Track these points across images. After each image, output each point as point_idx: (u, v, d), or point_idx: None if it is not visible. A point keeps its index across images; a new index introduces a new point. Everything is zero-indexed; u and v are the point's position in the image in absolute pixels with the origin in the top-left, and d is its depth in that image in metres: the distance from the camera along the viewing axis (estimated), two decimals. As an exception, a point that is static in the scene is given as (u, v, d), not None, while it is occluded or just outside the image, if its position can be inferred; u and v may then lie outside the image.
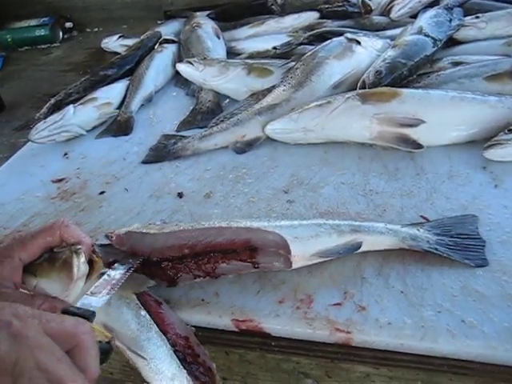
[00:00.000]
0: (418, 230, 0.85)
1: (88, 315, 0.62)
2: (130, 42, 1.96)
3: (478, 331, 0.70)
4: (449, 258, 0.81)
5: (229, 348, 0.79)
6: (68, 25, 2.45)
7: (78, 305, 0.66)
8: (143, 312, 0.75)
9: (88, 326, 0.56)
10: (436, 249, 0.81)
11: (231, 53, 1.72)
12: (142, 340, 0.72)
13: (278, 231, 0.79)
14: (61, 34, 2.43)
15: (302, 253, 0.79)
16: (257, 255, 0.80)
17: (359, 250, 0.82)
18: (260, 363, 0.79)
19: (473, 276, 0.79)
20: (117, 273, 0.77)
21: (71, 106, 1.43)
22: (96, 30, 2.49)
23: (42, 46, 2.39)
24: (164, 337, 0.73)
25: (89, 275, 0.74)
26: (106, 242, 0.87)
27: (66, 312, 0.62)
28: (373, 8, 1.69)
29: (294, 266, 0.79)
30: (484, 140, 1.05)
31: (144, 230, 0.85)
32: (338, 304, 0.77)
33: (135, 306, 0.76)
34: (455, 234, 0.85)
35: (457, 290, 0.77)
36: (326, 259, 0.82)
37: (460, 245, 0.83)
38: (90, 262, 0.75)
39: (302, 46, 1.51)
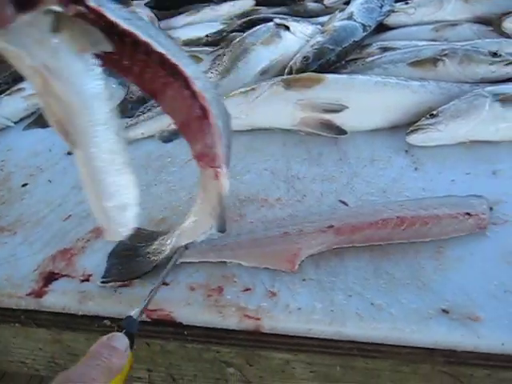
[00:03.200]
0: None
1: None
2: (67, 32, 1.91)
3: (386, 313, 0.70)
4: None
5: (149, 339, 0.78)
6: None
7: None
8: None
9: None
10: None
11: (167, 41, 1.69)
12: None
13: None
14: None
15: None
16: None
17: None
18: (181, 353, 0.78)
19: (386, 259, 0.79)
20: None
21: (-4, 96, 1.39)
22: (35, 19, 2.42)
23: (-23, 36, 2.31)
24: None
25: None
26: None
27: None
28: (307, -6, 1.69)
29: None
30: (407, 125, 1.06)
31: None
32: (249, 290, 0.76)
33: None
34: None
35: (369, 273, 0.77)
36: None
37: None
38: None
39: (234, 34, 1.49)
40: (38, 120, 1.39)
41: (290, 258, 0.78)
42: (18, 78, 1.52)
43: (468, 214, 0.80)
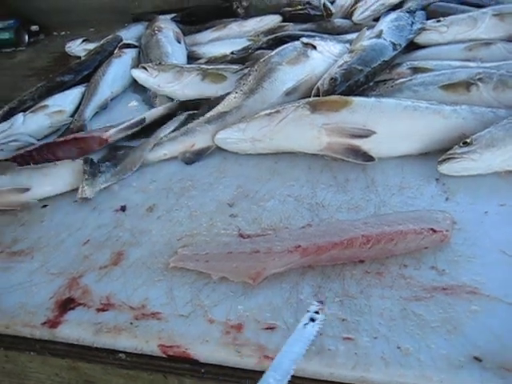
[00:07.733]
0: None
1: None
2: (94, 46, 1.91)
3: (414, 359, 0.66)
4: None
5: (166, 373, 0.75)
6: (34, 28, 2.40)
7: None
8: None
9: None
10: None
11: (192, 57, 1.67)
12: None
13: None
14: (27, 37, 2.37)
15: None
16: None
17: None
18: (199, 390, 0.75)
19: (415, 298, 0.74)
20: None
21: (21, 114, 1.39)
22: (63, 33, 2.44)
23: (7, 50, 2.33)
24: None
25: None
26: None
27: None
28: (335, 11, 1.65)
29: None
30: (438, 151, 1.01)
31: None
32: (270, 328, 0.73)
33: None
34: None
35: (396, 313, 0.73)
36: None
37: None
38: None
39: (260, 51, 1.47)
40: (61, 138, 1.38)
41: (254, 276, 0.79)
42: (43, 94, 1.52)
43: (433, 229, 0.81)
